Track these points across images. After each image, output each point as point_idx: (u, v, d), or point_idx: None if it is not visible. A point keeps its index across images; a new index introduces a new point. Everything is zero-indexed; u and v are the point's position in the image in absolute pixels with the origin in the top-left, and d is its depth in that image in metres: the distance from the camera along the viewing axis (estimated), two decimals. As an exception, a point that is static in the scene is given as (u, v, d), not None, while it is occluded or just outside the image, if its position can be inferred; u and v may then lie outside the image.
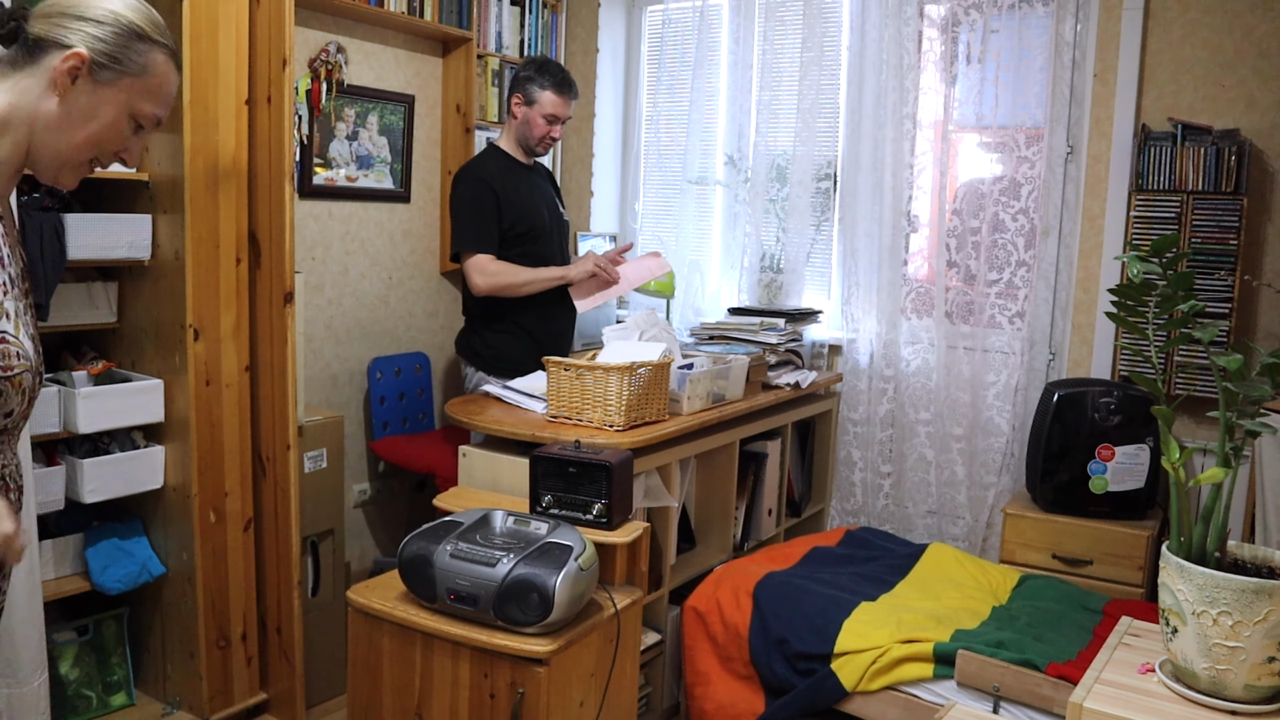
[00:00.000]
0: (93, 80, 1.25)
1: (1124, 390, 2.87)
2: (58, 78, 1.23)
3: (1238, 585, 1.34)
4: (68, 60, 1.22)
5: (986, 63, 3.22)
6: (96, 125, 1.27)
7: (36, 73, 1.24)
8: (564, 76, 3.09)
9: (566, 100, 3.09)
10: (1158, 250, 1.49)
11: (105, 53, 1.24)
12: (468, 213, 2.98)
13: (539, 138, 3.07)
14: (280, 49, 2.51)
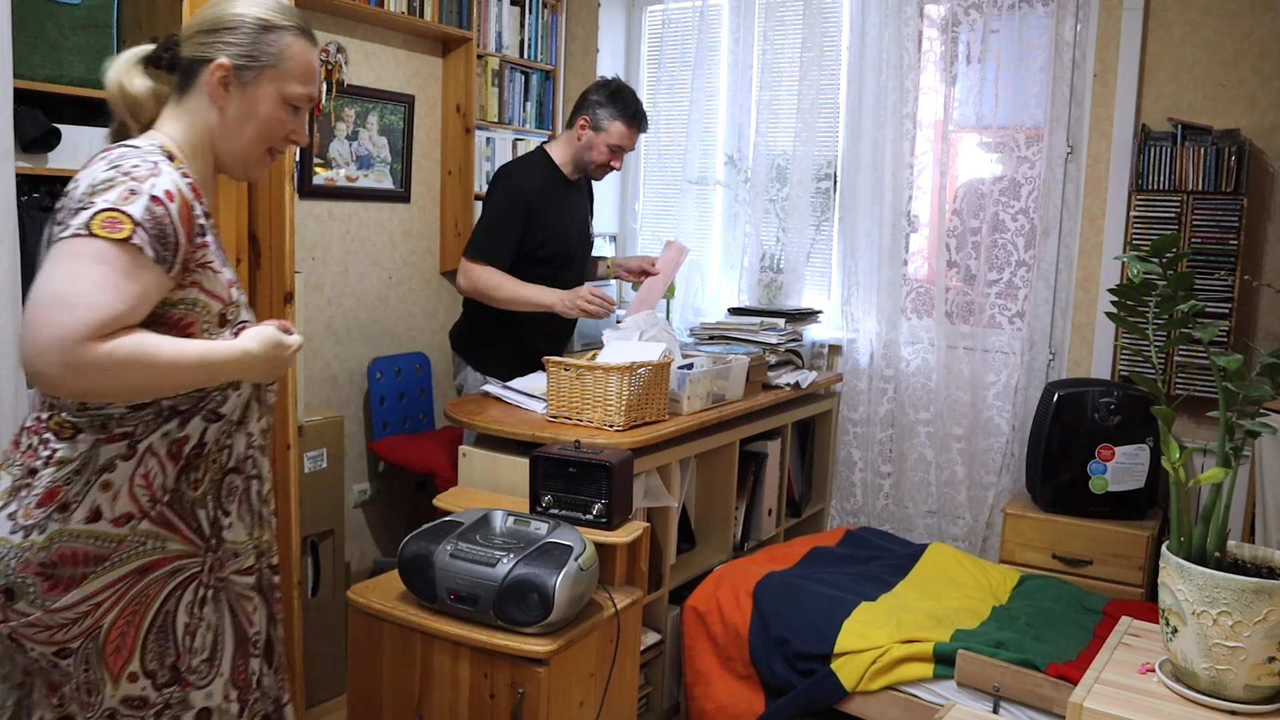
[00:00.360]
0: (240, 83, 1.37)
1: (1124, 390, 2.87)
2: (212, 90, 1.37)
3: (1238, 585, 1.34)
4: (214, 73, 1.36)
5: (986, 63, 3.22)
6: (258, 121, 1.41)
7: (198, 92, 1.38)
8: (637, 109, 2.99)
9: (636, 134, 3.01)
10: (1158, 250, 1.49)
11: (242, 54, 1.36)
12: (491, 221, 2.93)
13: (598, 165, 2.99)
14: (280, 49, 2.51)
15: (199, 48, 1.37)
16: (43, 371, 1.19)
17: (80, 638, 1.31)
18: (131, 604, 1.33)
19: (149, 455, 1.34)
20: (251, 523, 1.50)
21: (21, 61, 2.18)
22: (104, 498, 1.31)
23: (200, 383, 1.34)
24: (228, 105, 1.39)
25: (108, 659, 1.32)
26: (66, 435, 1.32)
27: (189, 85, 1.39)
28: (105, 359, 1.19)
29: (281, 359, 1.40)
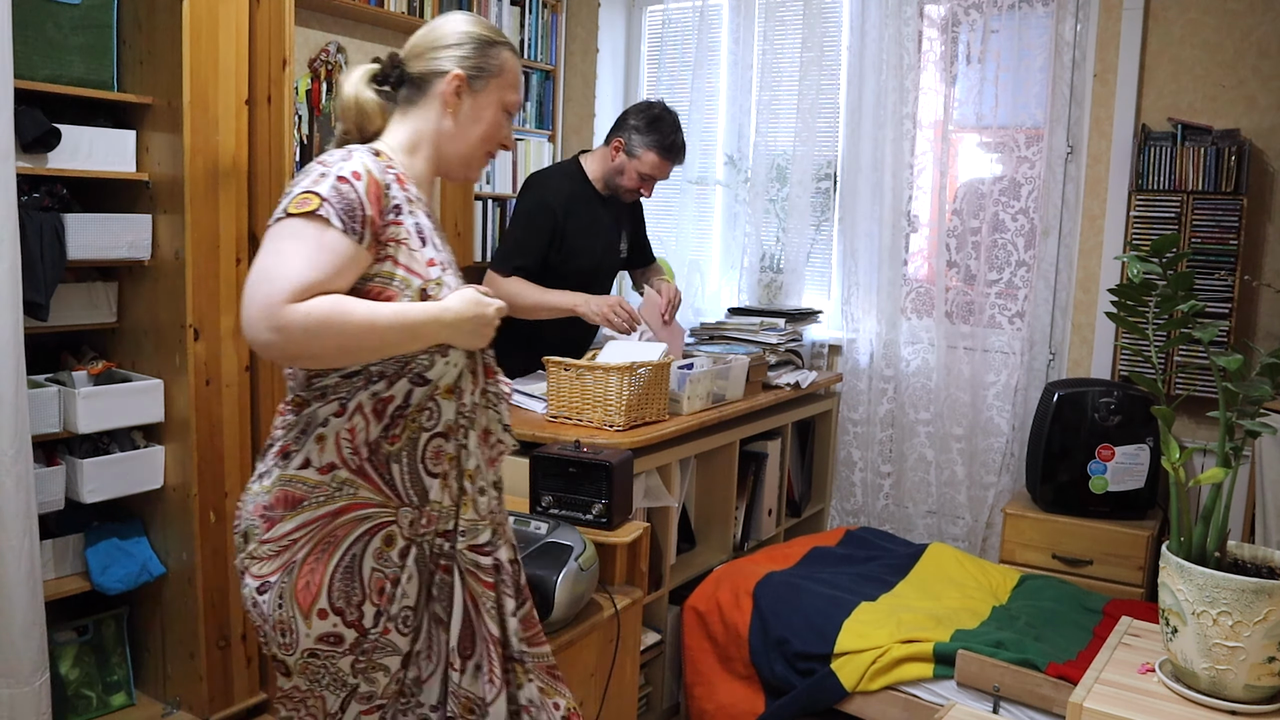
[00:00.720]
0: (471, 91, 1.54)
1: (1124, 390, 2.87)
2: (446, 98, 1.52)
3: (1238, 585, 1.34)
4: (451, 83, 1.51)
5: (986, 63, 3.22)
6: (483, 125, 1.57)
7: (428, 101, 1.53)
8: (675, 140, 2.87)
9: (670, 165, 2.91)
10: (1158, 250, 1.49)
11: (472, 66, 1.53)
12: (518, 233, 2.88)
13: (627, 190, 2.92)
14: (280, 49, 2.51)
15: (429, 62, 1.53)
16: (255, 338, 1.33)
17: (278, 571, 1.44)
18: (321, 543, 1.45)
19: (357, 412, 1.45)
20: (457, 492, 1.54)
21: (21, 61, 2.18)
22: (316, 449, 1.45)
23: (402, 343, 1.43)
24: (459, 112, 1.54)
25: (298, 594, 1.44)
26: (296, 409, 1.48)
27: (418, 96, 1.54)
28: (305, 318, 1.31)
29: (484, 318, 1.49)
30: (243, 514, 1.49)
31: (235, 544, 1.51)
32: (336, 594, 1.45)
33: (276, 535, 1.44)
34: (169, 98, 2.40)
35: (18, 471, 2.10)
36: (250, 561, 1.47)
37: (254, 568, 1.46)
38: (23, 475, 2.12)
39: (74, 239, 2.31)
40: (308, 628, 1.45)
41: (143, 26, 2.44)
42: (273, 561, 1.44)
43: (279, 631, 1.47)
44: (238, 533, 1.50)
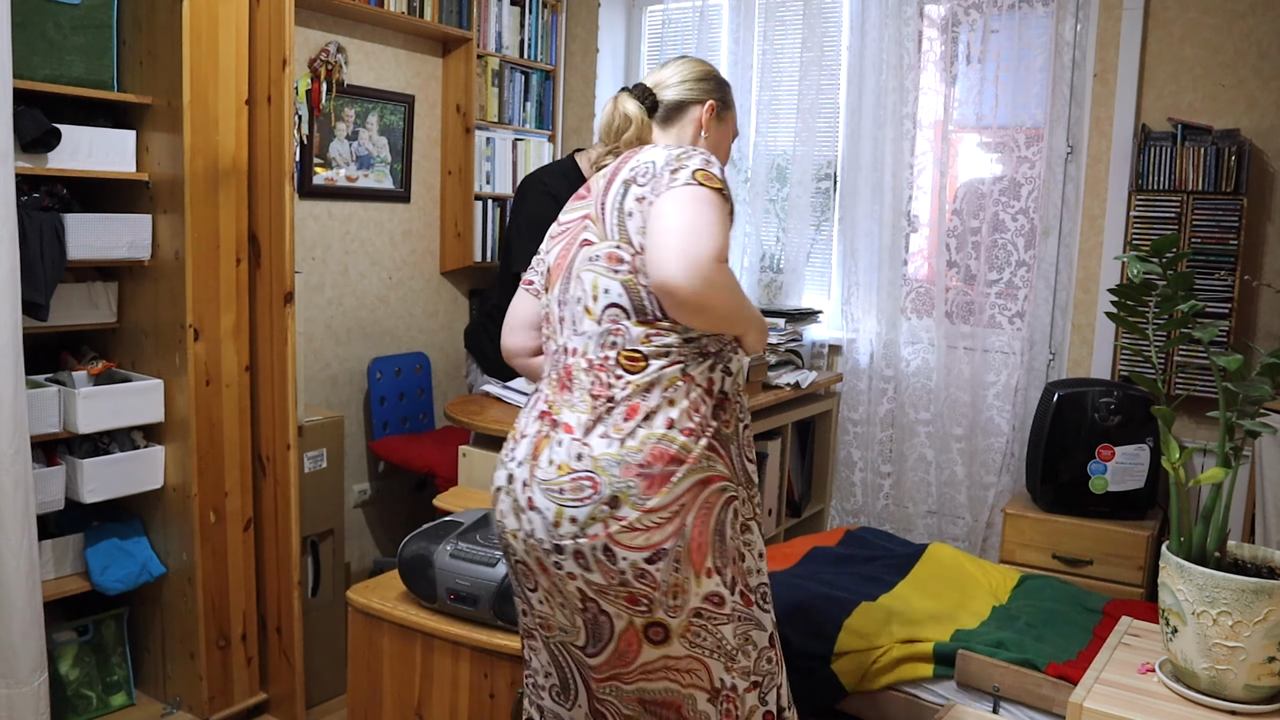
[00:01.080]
0: (717, 118, 1.82)
1: (1124, 390, 2.87)
2: (704, 122, 1.80)
3: (1238, 585, 1.34)
4: (708, 110, 1.80)
5: (986, 63, 3.22)
6: (721, 148, 1.85)
7: (684, 123, 1.80)
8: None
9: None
10: (1158, 250, 1.49)
11: (721, 98, 1.83)
12: (528, 230, 2.85)
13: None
14: (280, 49, 2.51)
15: (687, 92, 1.80)
16: (680, 285, 1.45)
17: (672, 537, 1.49)
18: (703, 506, 1.53)
19: (694, 385, 1.57)
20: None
21: (21, 61, 2.18)
22: (672, 412, 1.53)
23: (748, 323, 1.61)
24: (710, 133, 1.81)
25: (694, 556, 1.51)
26: (637, 368, 1.56)
27: (675, 119, 1.80)
28: (726, 278, 1.49)
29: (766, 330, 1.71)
30: (603, 477, 1.49)
31: (592, 513, 1.48)
32: (716, 554, 1.55)
33: (665, 502, 1.48)
34: (169, 98, 2.41)
35: (17, 471, 2.10)
36: (632, 533, 1.48)
37: (638, 538, 1.48)
38: (22, 475, 2.12)
39: (74, 239, 2.31)
40: (698, 587, 1.52)
41: (143, 26, 2.44)
42: (666, 527, 1.48)
43: (670, 595, 1.50)
44: (597, 499, 1.48)
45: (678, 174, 1.54)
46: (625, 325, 1.56)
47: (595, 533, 1.49)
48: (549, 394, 1.63)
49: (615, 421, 1.52)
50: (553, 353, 1.68)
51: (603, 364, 1.57)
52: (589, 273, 1.61)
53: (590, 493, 1.49)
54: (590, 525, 1.49)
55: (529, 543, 1.56)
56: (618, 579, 1.50)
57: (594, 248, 1.61)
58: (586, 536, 1.49)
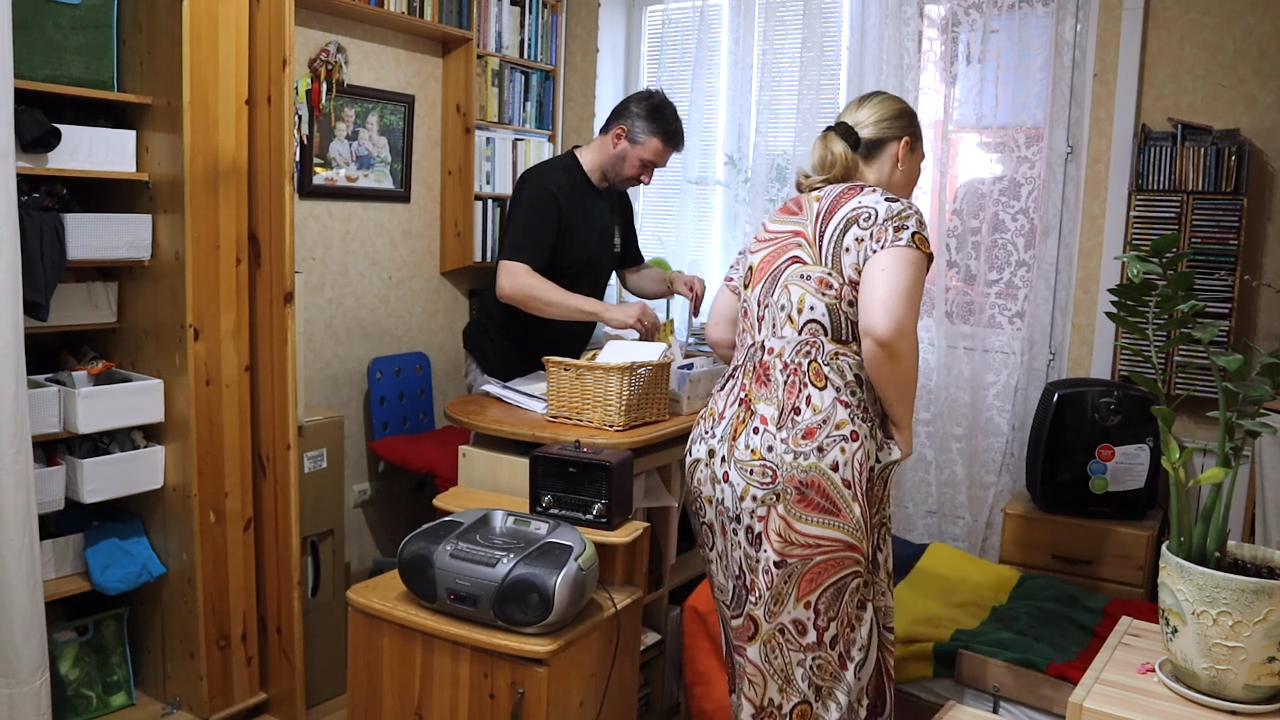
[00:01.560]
0: (910, 151, 2.06)
1: (1124, 390, 2.87)
2: (899, 156, 2.05)
3: (1238, 585, 1.34)
4: (903, 146, 2.04)
5: (986, 63, 3.22)
6: (913, 176, 2.11)
7: (882, 159, 2.05)
8: (678, 128, 2.93)
9: (671, 152, 2.95)
10: (1158, 250, 1.49)
11: (912, 134, 2.07)
12: (525, 221, 2.85)
13: (627, 178, 2.94)
14: (280, 49, 2.51)
15: (883, 130, 2.04)
16: (883, 336, 1.76)
17: (799, 560, 1.85)
18: (830, 560, 1.85)
19: (861, 442, 1.86)
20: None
21: (21, 61, 2.18)
22: (840, 458, 1.83)
23: (910, 392, 1.91)
24: (904, 165, 2.06)
25: (802, 582, 1.86)
26: (819, 384, 1.87)
27: (875, 154, 2.05)
28: (915, 341, 1.82)
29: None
30: (781, 472, 1.84)
31: (765, 498, 1.86)
32: (822, 600, 1.88)
33: (810, 533, 1.84)
34: (169, 98, 2.41)
35: (18, 471, 2.10)
36: (776, 534, 1.85)
37: (778, 541, 1.86)
38: (23, 475, 2.12)
39: (74, 239, 2.31)
40: (792, 607, 1.88)
41: (143, 26, 2.44)
42: (798, 550, 1.85)
43: (774, 600, 1.88)
44: (772, 488, 1.85)
45: (900, 233, 1.83)
46: (821, 340, 1.88)
47: (762, 514, 1.86)
48: (746, 383, 1.95)
49: (795, 435, 1.84)
50: (748, 345, 1.99)
51: (795, 369, 1.88)
52: (798, 288, 1.90)
53: (770, 480, 1.85)
54: (760, 507, 1.86)
55: (719, 509, 1.95)
56: (760, 564, 1.87)
57: (806, 268, 1.90)
58: (756, 517, 1.87)
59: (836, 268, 1.87)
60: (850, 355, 1.87)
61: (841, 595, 1.87)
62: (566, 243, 2.89)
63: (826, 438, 1.83)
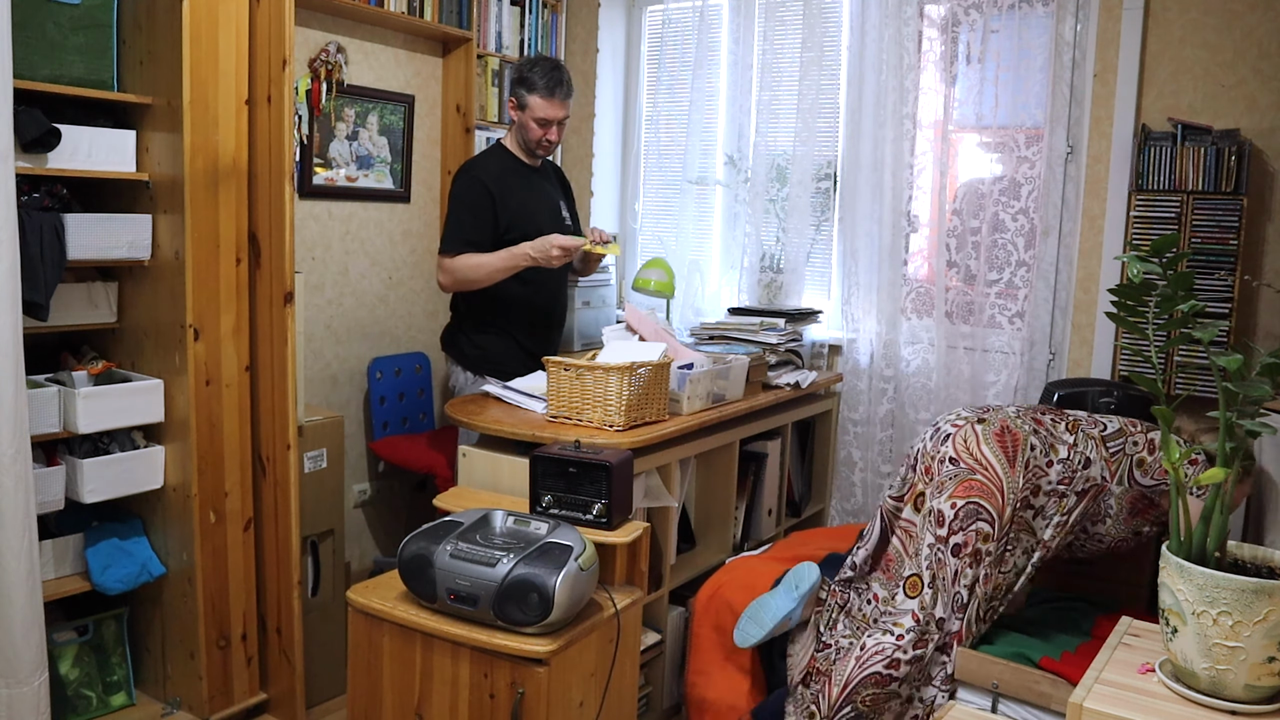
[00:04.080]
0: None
1: (1124, 390, 2.87)
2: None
3: (1238, 585, 1.34)
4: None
5: (986, 63, 3.22)
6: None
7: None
8: (553, 77, 2.96)
9: (556, 102, 2.97)
10: (1158, 250, 1.49)
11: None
12: (453, 215, 2.96)
13: (535, 141, 3.01)
14: (280, 49, 2.51)
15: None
16: None
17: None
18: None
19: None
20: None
21: (21, 61, 2.18)
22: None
23: None
24: None
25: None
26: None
27: None
28: None
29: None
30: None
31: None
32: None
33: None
34: (169, 98, 2.41)
35: (17, 471, 2.10)
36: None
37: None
38: (22, 475, 2.12)
39: (74, 239, 2.31)
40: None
41: (143, 26, 2.44)
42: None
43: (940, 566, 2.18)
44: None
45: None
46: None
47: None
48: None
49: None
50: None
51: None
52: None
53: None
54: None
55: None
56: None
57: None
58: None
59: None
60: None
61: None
62: (508, 221, 2.95)
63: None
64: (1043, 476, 2.18)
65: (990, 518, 2.15)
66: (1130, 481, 2.22)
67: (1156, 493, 2.23)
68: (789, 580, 2.42)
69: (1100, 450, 2.21)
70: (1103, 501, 2.22)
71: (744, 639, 2.38)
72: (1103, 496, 2.21)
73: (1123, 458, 2.22)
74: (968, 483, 2.17)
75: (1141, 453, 2.22)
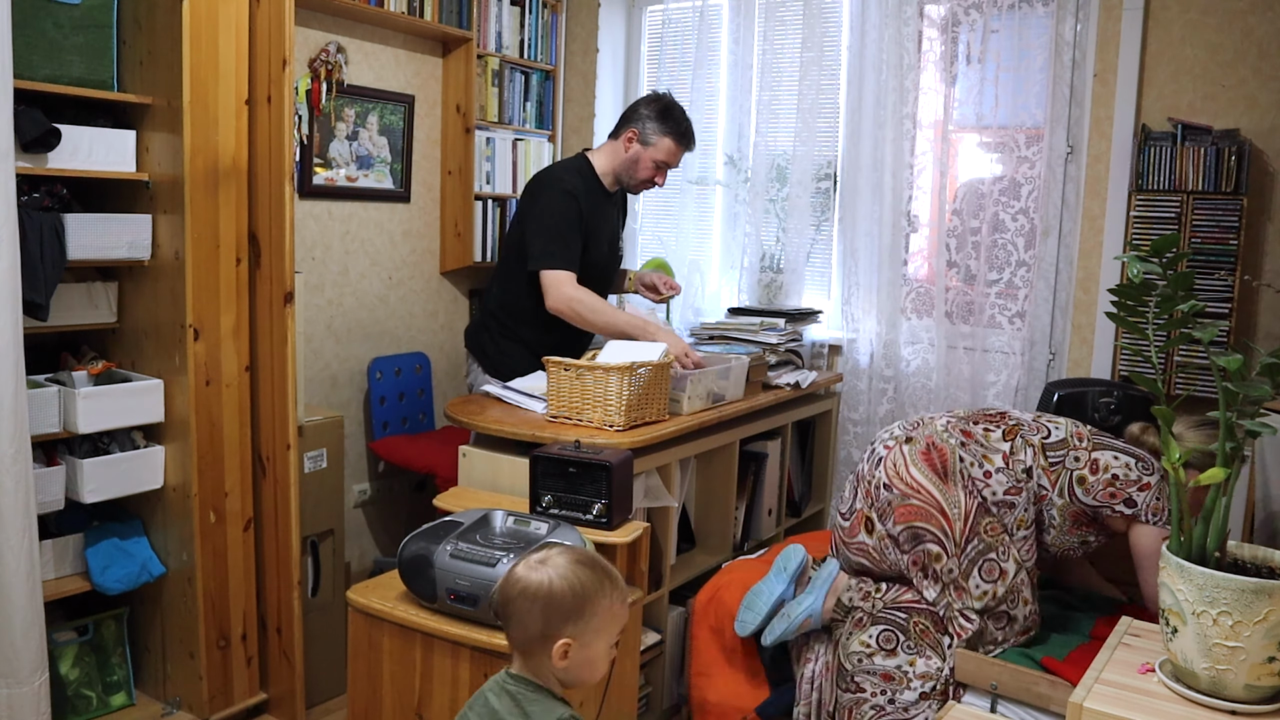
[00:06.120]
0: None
1: (1124, 390, 2.87)
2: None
3: (1238, 585, 1.34)
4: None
5: (986, 63, 3.22)
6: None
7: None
8: (688, 127, 2.97)
9: (683, 152, 2.99)
10: (1158, 250, 1.49)
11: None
12: (557, 226, 2.81)
13: (641, 180, 2.97)
14: (280, 49, 2.51)
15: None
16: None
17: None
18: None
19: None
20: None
21: (21, 61, 2.18)
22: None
23: None
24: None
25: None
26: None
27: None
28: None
29: None
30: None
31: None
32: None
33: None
34: (169, 98, 2.41)
35: (17, 471, 2.10)
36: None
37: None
38: (22, 475, 2.12)
39: (74, 239, 2.31)
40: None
41: (143, 26, 2.44)
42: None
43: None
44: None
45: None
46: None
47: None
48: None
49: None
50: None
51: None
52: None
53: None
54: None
55: None
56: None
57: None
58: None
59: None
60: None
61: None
62: (584, 247, 2.89)
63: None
64: (985, 488, 2.12)
65: (936, 538, 2.11)
66: (1071, 496, 2.16)
67: (1100, 513, 2.18)
68: (777, 564, 2.42)
69: (1040, 459, 2.15)
70: (1045, 510, 2.18)
71: (743, 628, 2.38)
72: (1045, 505, 2.17)
73: (1062, 470, 2.16)
74: (902, 508, 2.15)
75: (1083, 470, 2.15)
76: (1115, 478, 2.13)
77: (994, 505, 2.10)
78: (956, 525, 2.09)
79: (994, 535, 2.10)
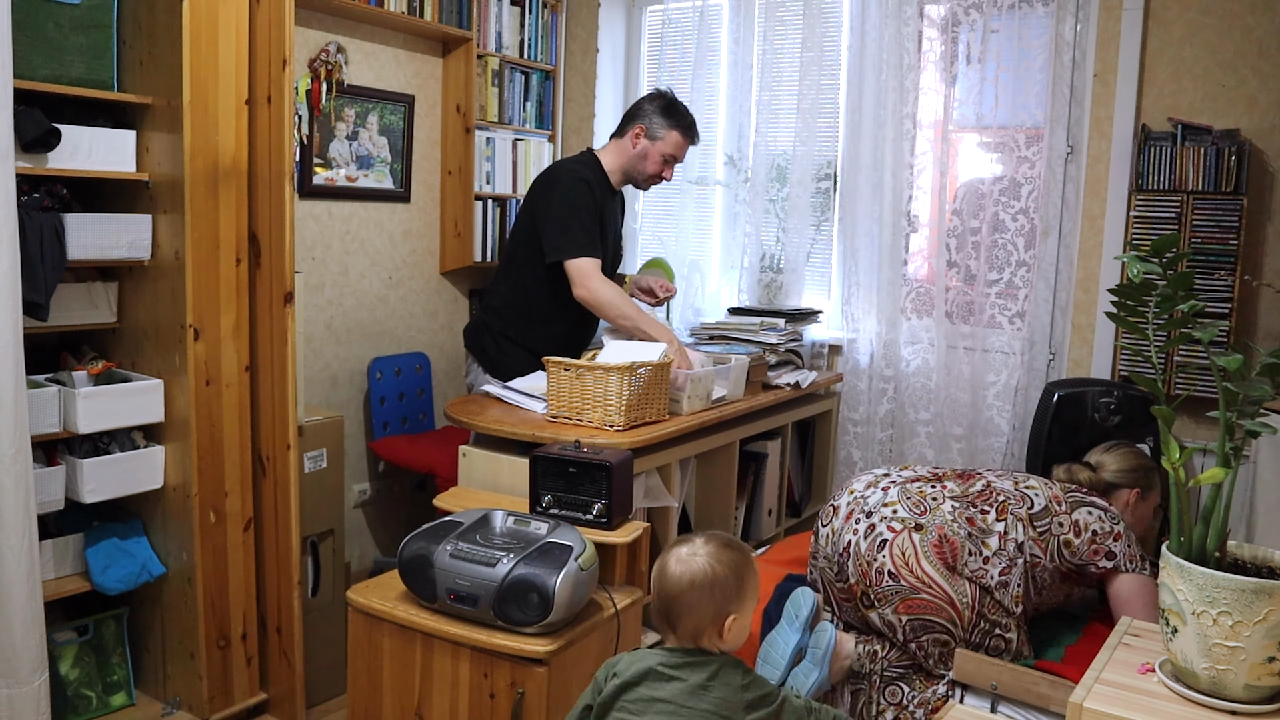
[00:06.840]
0: (1141, 499, 2.44)
1: (1124, 390, 2.87)
2: (1130, 502, 2.42)
3: (1238, 585, 1.34)
4: (1134, 495, 2.41)
5: (986, 63, 3.22)
6: (1143, 520, 2.46)
7: (1117, 500, 2.39)
8: (693, 121, 3.02)
9: (689, 145, 3.03)
10: (1158, 250, 1.49)
11: (1146, 485, 2.43)
12: (576, 215, 2.82)
13: (649, 175, 2.99)
14: (280, 49, 2.51)
15: (1120, 478, 2.41)
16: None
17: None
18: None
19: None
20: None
21: (21, 61, 2.18)
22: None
23: None
24: (1134, 510, 2.43)
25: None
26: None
27: (1110, 494, 2.40)
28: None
29: None
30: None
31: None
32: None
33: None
34: (169, 98, 2.41)
35: (17, 471, 2.10)
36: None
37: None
38: (22, 475, 2.12)
39: (74, 239, 2.31)
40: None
41: (143, 26, 2.44)
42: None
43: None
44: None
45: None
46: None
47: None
48: None
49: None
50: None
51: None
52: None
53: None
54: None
55: None
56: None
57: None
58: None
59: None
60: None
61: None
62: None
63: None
64: (984, 576, 2.11)
65: (945, 629, 2.10)
66: (1060, 559, 2.17)
67: (1086, 572, 2.18)
68: (788, 611, 2.39)
69: (1029, 530, 2.14)
70: (1038, 576, 2.16)
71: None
72: (1038, 571, 2.15)
73: (1050, 537, 2.16)
74: (910, 601, 2.10)
75: (1067, 534, 2.16)
76: (1095, 534, 2.17)
77: (995, 588, 2.11)
78: (965, 614, 2.08)
79: (996, 613, 2.11)
